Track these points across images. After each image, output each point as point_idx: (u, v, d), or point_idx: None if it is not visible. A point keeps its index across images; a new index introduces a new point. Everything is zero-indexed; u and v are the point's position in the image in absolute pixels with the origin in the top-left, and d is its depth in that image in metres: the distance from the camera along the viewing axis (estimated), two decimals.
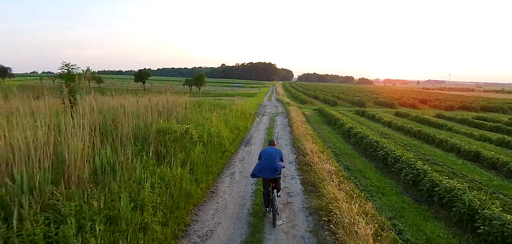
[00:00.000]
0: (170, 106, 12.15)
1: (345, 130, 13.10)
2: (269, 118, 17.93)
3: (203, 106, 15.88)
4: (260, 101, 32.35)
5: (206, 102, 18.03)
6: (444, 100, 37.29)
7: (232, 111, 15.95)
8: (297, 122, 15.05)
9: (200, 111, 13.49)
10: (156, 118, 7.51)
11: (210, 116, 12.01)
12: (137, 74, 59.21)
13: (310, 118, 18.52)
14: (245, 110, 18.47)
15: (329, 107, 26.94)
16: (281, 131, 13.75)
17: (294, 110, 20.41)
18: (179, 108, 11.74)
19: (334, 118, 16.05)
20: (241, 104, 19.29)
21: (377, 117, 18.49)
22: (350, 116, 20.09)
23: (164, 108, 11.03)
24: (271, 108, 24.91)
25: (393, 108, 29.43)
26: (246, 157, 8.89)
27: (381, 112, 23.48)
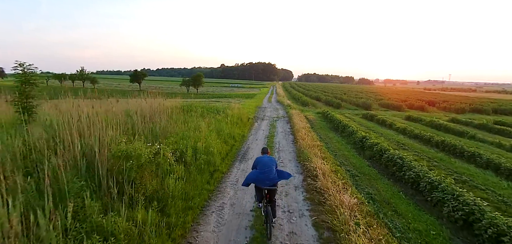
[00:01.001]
0: (153, 113, 10.40)
1: (357, 139, 11.33)
2: (269, 124, 16.15)
3: (195, 111, 14.11)
4: (259, 103, 30.57)
5: (199, 106, 16.25)
6: (452, 102, 35.57)
7: (227, 117, 14.18)
8: (300, 128, 13.28)
9: (189, 119, 11.72)
10: (118, 135, 5.69)
11: (199, 125, 10.21)
12: (133, 75, 57.40)
13: (314, 123, 16.74)
14: (243, 115, 16.69)
15: (333, 110, 25.15)
16: (283, 140, 11.97)
17: (297, 115, 18.64)
18: (163, 116, 9.96)
19: (342, 125, 14.28)
20: (238, 107, 17.52)
21: (388, 122, 16.73)
22: (357, 121, 18.32)
23: (144, 116, 9.27)
24: (271, 111, 23.13)
25: (400, 111, 27.69)
26: (241, 179, 7.12)
27: (390, 116, 21.73)
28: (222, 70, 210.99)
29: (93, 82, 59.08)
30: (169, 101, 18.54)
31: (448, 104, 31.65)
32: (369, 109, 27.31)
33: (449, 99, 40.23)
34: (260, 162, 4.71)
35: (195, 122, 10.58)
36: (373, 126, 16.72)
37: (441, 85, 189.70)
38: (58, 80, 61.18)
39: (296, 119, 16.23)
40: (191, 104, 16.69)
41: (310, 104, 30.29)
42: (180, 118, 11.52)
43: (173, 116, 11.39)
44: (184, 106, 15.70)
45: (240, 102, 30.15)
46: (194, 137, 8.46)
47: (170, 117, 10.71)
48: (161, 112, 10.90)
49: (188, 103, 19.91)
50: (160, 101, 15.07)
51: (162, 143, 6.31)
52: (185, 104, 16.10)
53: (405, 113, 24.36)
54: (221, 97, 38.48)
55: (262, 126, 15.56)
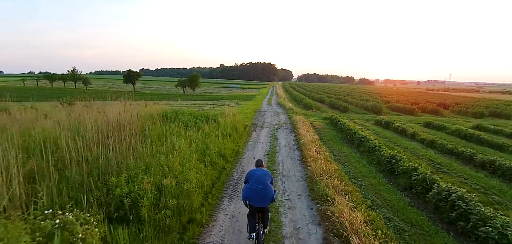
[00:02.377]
0: (117, 126, 7.95)
1: (384, 159, 8.82)
2: (270, 134, 13.66)
3: (180, 120, 11.62)
4: (258, 106, 28.07)
5: (186, 112, 13.73)
6: (464, 104, 33.09)
7: (219, 126, 11.69)
8: (308, 141, 10.80)
9: (168, 131, 9.24)
10: None
11: (177, 144, 7.70)
12: (126, 75, 54.80)
13: (323, 133, 14.25)
14: (238, 123, 14.19)
15: (340, 114, 22.66)
16: (288, 158, 9.48)
17: (301, 121, 16.15)
18: (128, 132, 7.47)
19: (358, 137, 11.77)
20: (233, 114, 15.02)
21: (409, 132, 14.22)
22: (372, 130, 15.83)
23: (99, 132, 6.80)
24: (271, 116, 20.63)
25: (414, 115, 25.20)
26: (229, 234, 4.65)
27: (405, 122, 19.25)
28: (222, 70, 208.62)
29: (85, 83, 56.52)
30: (152, 106, 16.08)
31: (463, 108, 29.16)
32: (380, 114, 24.83)
33: (460, 101, 37.74)
34: (253, 176, 4.25)
35: (173, 139, 8.05)
36: (392, 136, 14.22)
37: (441, 85, 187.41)
38: (49, 81, 58.60)
39: (301, 128, 13.74)
40: (177, 110, 14.17)
41: (313, 108, 27.80)
42: (155, 132, 9.03)
43: (146, 130, 8.90)
44: (168, 113, 13.20)
45: (238, 105, 27.68)
46: (165, 165, 5.96)
47: (139, 134, 8.22)
48: (130, 125, 8.43)
49: (175, 108, 17.44)
50: (139, 109, 12.62)
51: (91, 195, 3.82)
52: (170, 111, 13.60)
53: (422, 118, 21.87)
54: (218, 100, 35.99)
55: (261, 136, 13.06)
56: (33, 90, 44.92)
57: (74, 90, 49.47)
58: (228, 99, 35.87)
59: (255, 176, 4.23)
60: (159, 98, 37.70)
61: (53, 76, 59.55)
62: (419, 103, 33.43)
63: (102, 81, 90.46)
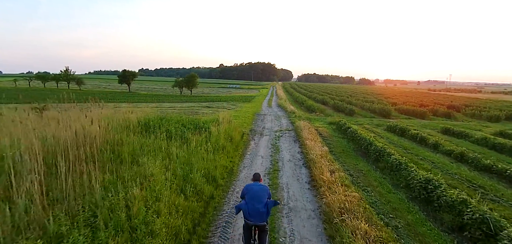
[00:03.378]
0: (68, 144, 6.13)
1: (417, 183, 6.95)
2: (270, 143, 11.82)
3: (162, 130, 9.77)
4: (257, 109, 26.21)
5: (174, 119, 11.85)
6: (474, 106, 31.28)
7: (211, 137, 9.85)
8: (316, 155, 8.94)
9: (147, 144, 7.44)
10: None
11: (143, 172, 5.83)
12: (121, 75, 52.82)
13: (332, 142, 12.41)
14: (234, 130, 12.35)
15: (346, 118, 20.84)
16: (294, 180, 7.63)
17: (305, 128, 14.30)
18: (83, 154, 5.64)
19: (376, 150, 9.90)
20: (228, 120, 13.16)
21: (431, 142, 12.34)
22: (386, 138, 13.99)
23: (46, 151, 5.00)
24: (271, 120, 18.78)
25: (425, 118, 23.37)
26: None
27: (420, 127, 17.42)
28: (221, 70, 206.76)
29: (79, 84, 54.58)
30: (139, 111, 14.21)
31: (475, 110, 27.33)
32: (389, 117, 23.01)
33: (470, 103, 35.94)
34: (249, 191, 4.00)
35: (146, 161, 6.20)
36: (411, 146, 12.37)
37: (441, 85, 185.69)
38: (41, 81, 56.61)
39: (307, 136, 11.89)
40: (164, 116, 12.30)
41: (317, 110, 25.96)
42: (127, 149, 7.19)
43: (117, 146, 7.09)
44: (153, 120, 11.34)
45: (235, 108, 25.85)
46: (120, 211, 4.12)
47: (108, 151, 6.41)
48: (96, 140, 6.64)
49: (163, 113, 15.57)
50: (119, 115, 10.82)
51: None
52: (155, 117, 11.73)
53: (436, 123, 20.05)
54: (215, 101, 34.15)
55: (260, 147, 11.21)
56: (23, 91, 43.02)
57: (66, 91, 47.57)
58: (226, 101, 34.04)
59: (252, 192, 3.97)
60: (153, 99, 35.84)
61: (46, 76, 57.51)
62: (428, 105, 31.64)
63: (98, 82, 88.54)
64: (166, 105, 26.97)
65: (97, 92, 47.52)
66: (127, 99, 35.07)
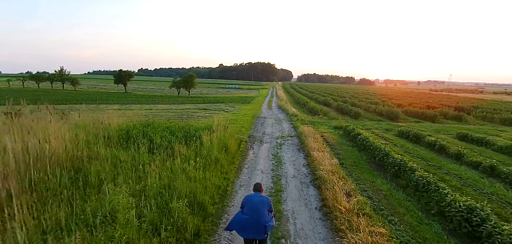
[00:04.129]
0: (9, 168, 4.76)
1: (456, 212, 5.53)
2: (271, 153, 10.42)
3: (146, 141, 8.39)
4: (257, 111, 24.80)
5: (161, 126, 10.42)
6: (483, 108, 29.91)
7: (203, 148, 8.46)
8: (326, 170, 7.56)
9: (110, 175, 6.04)
10: None
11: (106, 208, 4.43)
12: (117, 75, 51.33)
13: (341, 152, 11.00)
14: (231, 138, 10.95)
15: (352, 122, 19.46)
16: (301, 206, 6.23)
17: (310, 133, 12.91)
18: None
19: (394, 163, 8.49)
20: (224, 125, 11.75)
21: (452, 151, 10.90)
22: (400, 145, 12.59)
23: None
24: (272, 124, 17.37)
25: (435, 121, 21.97)
26: None
27: (431, 131, 16.04)
28: (221, 71, 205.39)
29: (74, 84, 53.12)
30: (119, 117, 12.79)
31: (486, 113, 25.91)
32: (396, 121, 21.61)
33: (477, 105, 34.57)
34: (249, 202, 3.77)
35: (113, 189, 4.80)
36: (430, 156, 10.95)
37: (442, 85, 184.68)
38: (35, 82, 55.11)
39: (312, 145, 10.49)
40: (151, 122, 10.87)
41: (319, 113, 24.54)
42: (97, 169, 5.80)
43: (85, 163, 5.73)
44: (137, 126, 9.94)
45: (234, 110, 24.44)
46: None
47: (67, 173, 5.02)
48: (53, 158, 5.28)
49: (155, 116, 14.18)
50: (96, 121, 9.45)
51: None
52: (140, 124, 10.32)
53: (449, 126, 18.64)
54: (213, 102, 32.73)
55: (260, 158, 9.80)
56: (16, 92, 41.59)
57: (60, 91, 46.14)
58: (224, 103, 32.64)
59: (251, 203, 3.73)
60: (148, 100, 34.44)
61: (40, 76, 56.01)
62: (435, 106, 30.27)
63: (95, 82, 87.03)
64: (160, 108, 25.57)
65: (92, 93, 46.04)
66: (120, 101, 33.67)
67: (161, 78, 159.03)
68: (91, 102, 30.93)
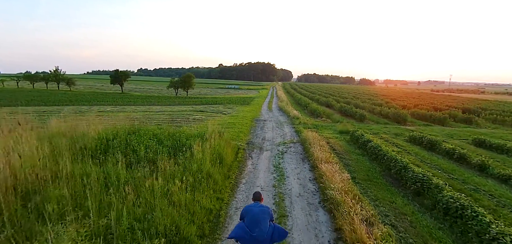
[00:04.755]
0: None
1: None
2: (272, 164, 9.25)
3: (128, 151, 7.25)
4: (256, 113, 23.63)
5: (148, 133, 9.22)
6: (491, 110, 28.80)
7: (194, 162, 7.28)
8: (337, 186, 6.39)
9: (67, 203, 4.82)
10: None
11: None
12: (113, 75, 50.10)
13: (351, 162, 9.83)
14: (226, 146, 9.77)
15: (357, 125, 18.31)
16: (310, 236, 5.05)
17: (314, 139, 11.73)
18: None
19: (415, 178, 7.32)
20: (219, 132, 10.57)
21: (475, 162, 9.74)
22: (414, 153, 11.43)
23: None
24: (273, 128, 16.20)
25: (444, 125, 20.80)
26: None
27: (444, 136, 14.91)
28: (220, 71, 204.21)
29: (69, 84, 51.86)
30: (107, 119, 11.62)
31: (497, 115, 24.76)
32: (404, 124, 20.45)
33: (485, 106, 33.42)
34: (249, 213, 3.64)
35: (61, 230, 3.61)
36: (450, 166, 9.78)
37: (442, 86, 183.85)
38: (30, 82, 53.83)
39: (320, 155, 9.29)
40: (137, 129, 9.67)
41: (322, 115, 23.37)
42: (52, 197, 4.63)
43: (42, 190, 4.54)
44: (121, 133, 8.77)
45: (232, 112, 23.26)
46: None
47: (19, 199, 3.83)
48: None
49: (147, 119, 13.00)
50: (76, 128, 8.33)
51: None
52: (123, 131, 9.13)
53: (461, 131, 17.48)
54: (211, 104, 31.55)
55: (259, 170, 8.61)
56: (9, 93, 40.37)
57: (55, 92, 44.90)
58: (222, 104, 31.46)
59: (251, 214, 3.60)
60: (144, 101, 33.26)
61: (35, 76, 54.72)
62: (441, 108, 29.11)
63: (92, 82, 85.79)
64: (155, 110, 24.38)
65: (87, 93, 44.81)
66: (115, 101, 32.51)
67: (160, 78, 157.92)
68: (85, 104, 29.77)
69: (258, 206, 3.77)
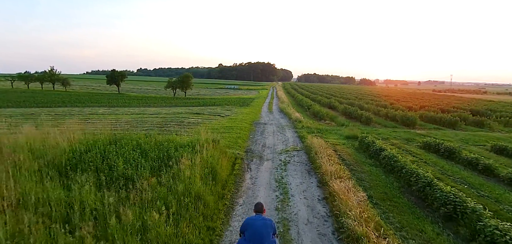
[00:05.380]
0: None
1: None
2: (274, 178, 8.06)
3: (104, 166, 6.05)
4: (256, 115, 22.44)
5: (131, 143, 8.01)
6: (501, 111, 27.59)
7: (181, 180, 6.11)
8: (355, 213, 5.22)
9: None
10: None
11: None
12: (110, 76, 48.86)
13: (363, 174, 8.65)
14: (222, 157, 8.59)
15: (363, 128, 17.14)
16: None
17: (320, 148, 10.53)
18: None
19: (443, 198, 6.14)
20: (213, 140, 9.37)
21: (504, 175, 8.58)
22: (431, 162, 10.23)
23: None
24: (274, 133, 15.00)
25: (455, 128, 19.59)
26: None
27: (459, 141, 13.73)
28: (220, 70, 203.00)
29: (64, 84, 50.61)
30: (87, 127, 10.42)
31: (509, 118, 23.54)
32: (413, 127, 19.25)
33: (493, 108, 32.20)
34: (250, 227, 3.35)
35: None
36: (476, 180, 8.58)
37: (442, 86, 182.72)
38: (24, 82, 52.58)
39: (328, 168, 8.08)
40: (119, 138, 8.47)
41: (326, 117, 22.18)
42: None
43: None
44: (99, 143, 7.60)
45: (231, 114, 22.07)
46: None
47: None
48: None
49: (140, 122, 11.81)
50: None
51: None
52: (102, 142, 7.94)
53: (476, 136, 16.27)
54: (209, 105, 30.36)
55: (259, 187, 7.42)
56: (2, 93, 39.15)
57: (49, 93, 43.66)
58: (220, 105, 30.26)
59: (253, 227, 3.34)
60: (139, 103, 32.06)
61: (29, 76, 53.45)
62: (448, 109, 27.93)
63: (89, 82, 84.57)
64: (150, 112, 23.17)
65: (82, 94, 43.59)
66: (110, 103, 31.30)
67: (159, 79, 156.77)
68: (78, 105, 28.59)
69: (260, 218, 3.45)
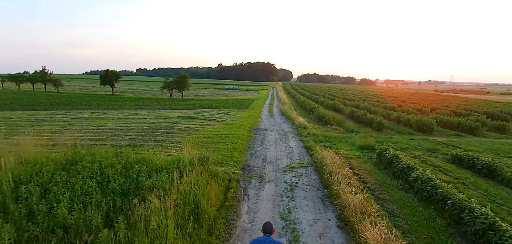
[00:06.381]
0: None
1: None
2: (279, 210, 6.17)
3: (66, 193, 4.04)
4: (256, 119, 20.52)
5: (94, 165, 6.09)
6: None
7: (144, 237, 4.15)
8: None
9: None
10: None
11: None
12: (103, 76, 46.85)
13: (390, 204, 6.77)
14: (209, 182, 6.68)
15: (375, 134, 15.24)
16: None
17: (334, 164, 8.61)
18: None
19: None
20: (200, 158, 7.46)
21: None
22: (474, 186, 8.33)
23: None
24: (276, 142, 13.07)
25: (476, 135, 17.63)
26: None
27: (484, 151, 11.85)
28: (220, 70, 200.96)
29: (56, 85, 48.60)
30: None
31: None
32: (431, 133, 17.32)
33: (508, 111, 30.35)
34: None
35: None
36: None
37: (442, 86, 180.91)
38: (15, 83, 50.56)
39: (350, 199, 6.17)
40: (79, 158, 6.54)
41: (332, 122, 20.23)
42: None
43: None
44: (50, 166, 5.67)
45: (228, 118, 20.15)
46: None
47: None
48: None
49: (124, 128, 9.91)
50: None
51: None
52: (60, 159, 6.03)
53: (500, 142, 14.36)
54: (206, 108, 28.44)
55: (258, 226, 5.43)
56: None
57: (40, 94, 41.71)
58: (217, 107, 28.34)
59: None
60: (131, 105, 30.10)
61: (20, 77, 51.45)
62: (461, 112, 26.04)
63: (84, 82, 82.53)
64: (140, 115, 21.25)
65: (73, 95, 41.66)
66: (99, 105, 29.34)
67: (157, 79, 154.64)
68: (65, 107, 26.68)
69: (269, 241, 3.16)
